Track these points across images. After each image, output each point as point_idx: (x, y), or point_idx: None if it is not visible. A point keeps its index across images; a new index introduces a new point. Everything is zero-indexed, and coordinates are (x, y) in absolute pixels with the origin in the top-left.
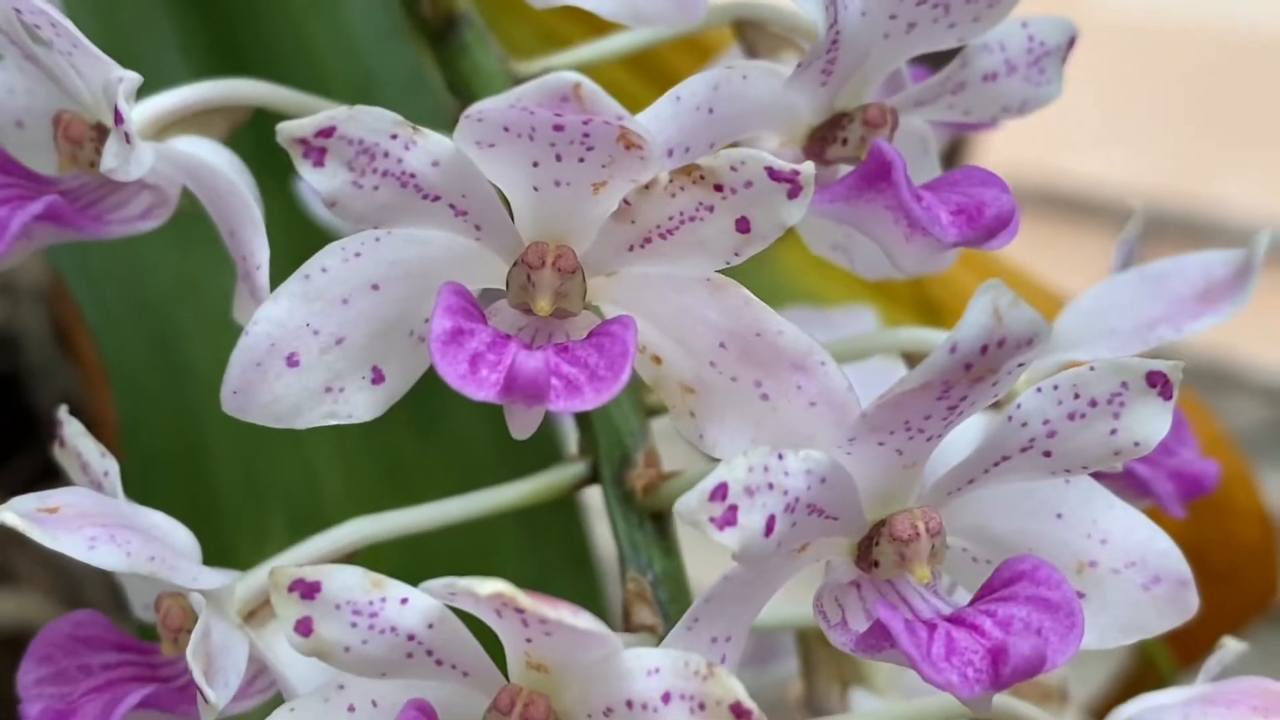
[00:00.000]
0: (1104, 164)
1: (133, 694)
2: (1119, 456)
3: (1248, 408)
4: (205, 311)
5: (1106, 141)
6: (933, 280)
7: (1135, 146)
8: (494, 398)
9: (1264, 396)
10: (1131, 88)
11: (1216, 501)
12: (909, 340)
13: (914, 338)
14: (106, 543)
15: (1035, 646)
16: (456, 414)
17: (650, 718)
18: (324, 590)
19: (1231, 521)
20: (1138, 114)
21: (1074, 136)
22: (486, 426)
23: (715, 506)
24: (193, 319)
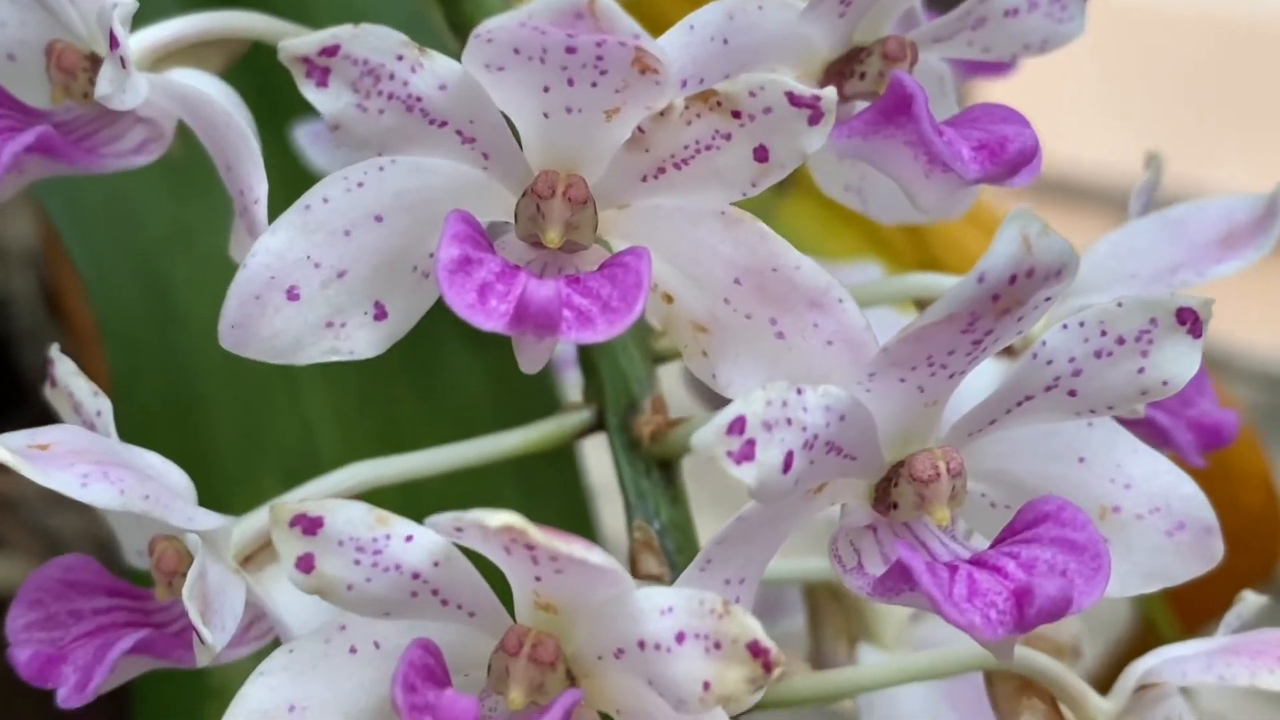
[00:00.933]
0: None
1: (125, 638)
2: (1146, 396)
3: (1244, 394)
4: (200, 264)
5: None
6: (936, 239)
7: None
8: (503, 329)
9: (1260, 382)
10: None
11: (1222, 467)
12: (920, 287)
13: (925, 284)
14: (100, 480)
15: (1061, 587)
16: (454, 370)
17: (663, 659)
18: (326, 526)
19: (1236, 487)
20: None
21: (1070, 121)
22: (484, 383)
23: (733, 440)
24: (187, 271)
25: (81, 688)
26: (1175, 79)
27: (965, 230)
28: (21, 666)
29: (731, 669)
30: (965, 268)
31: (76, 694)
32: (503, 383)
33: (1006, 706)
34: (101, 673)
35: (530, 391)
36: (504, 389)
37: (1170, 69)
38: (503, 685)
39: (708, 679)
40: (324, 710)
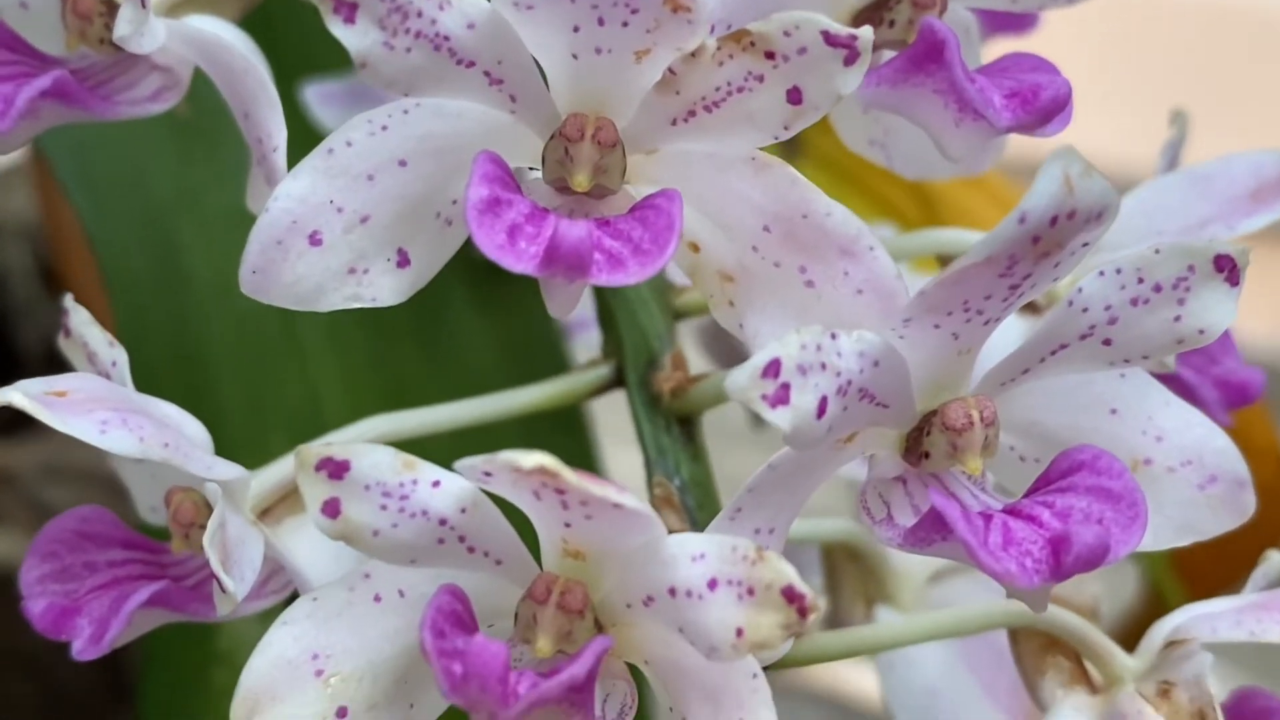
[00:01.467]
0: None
1: (141, 590)
2: (1182, 345)
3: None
4: (207, 226)
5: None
6: (946, 208)
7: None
8: (533, 270)
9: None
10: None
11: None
12: (941, 243)
13: (946, 240)
14: (119, 427)
15: (1098, 535)
16: (462, 334)
17: (695, 606)
18: (353, 470)
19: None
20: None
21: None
22: (493, 347)
23: (767, 384)
24: (194, 233)
25: (97, 640)
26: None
27: (975, 199)
28: (36, 619)
29: (765, 615)
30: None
31: (92, 646)
32: (512, 347)
33: (1031, 664)
34: (118, 625)
35: (540, 355)
36: (513, 353)
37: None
38: (530, 634)
39: (740, 626)
40: (348, 658)
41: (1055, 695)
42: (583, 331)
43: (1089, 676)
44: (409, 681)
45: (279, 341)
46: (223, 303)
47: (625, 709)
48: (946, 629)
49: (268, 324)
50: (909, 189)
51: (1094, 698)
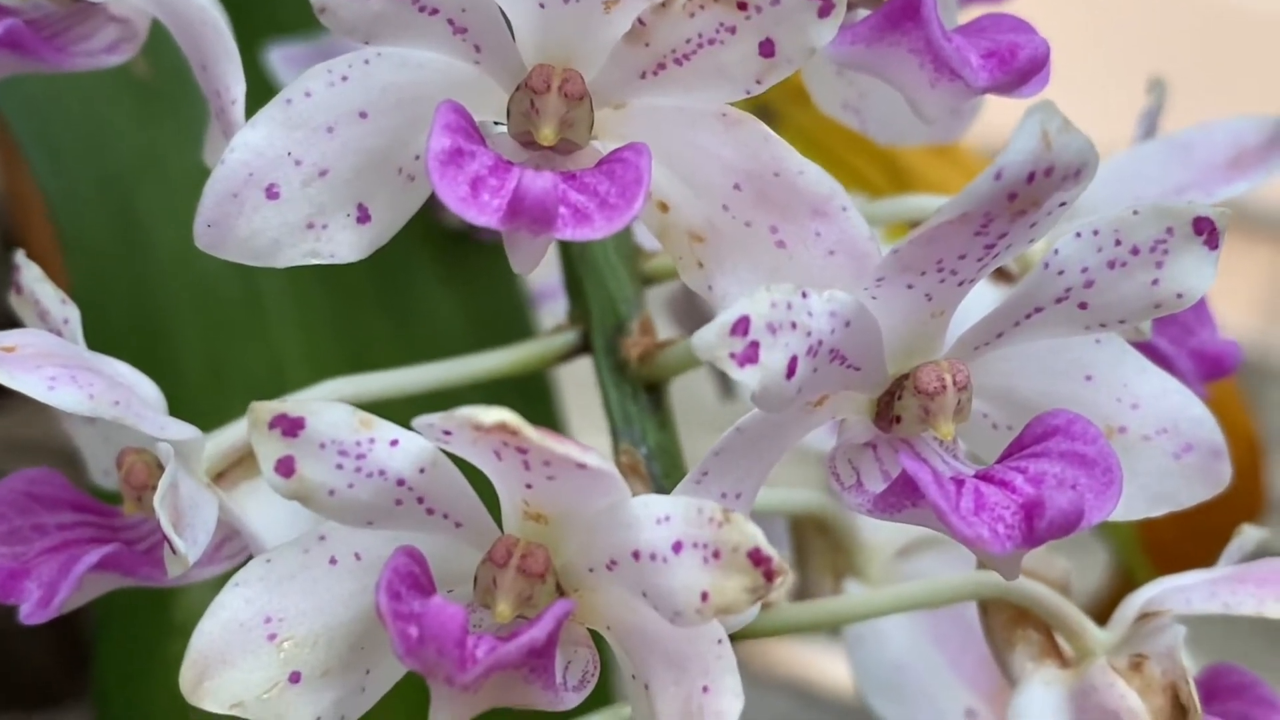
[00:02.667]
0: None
1: (91, 553)
2: (1159, 309)
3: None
4: (168, 189)
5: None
6: (915, 179)
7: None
8: (496, 223)
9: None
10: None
11: None
12: (918, 208)
13: (923, 205)
14: (68, 383)
15: (1072, 500)
16: (428, 305)
17: (659, 569)
18: (308, 427)
19: None
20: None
21: (1061, 99)
22: (459, 318)
23: (736, 341)
24: (155, 198)
25: (45, 603)
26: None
27: (944, 170)
28: None
29: (731, 579)
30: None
31: (40, 610)
32: (478, 316)
33: (1001, 637)
34: (67, 588)
35: (506, 325)
36: (479, 323)
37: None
38: (489, 598)
39: (706, 589)
40: (302, 622)
41: (1025, 668)
42: (549, 301)
43: (1060, 650)
44: (365, 647)
45: (241, 309)
46: (183, 268)
47: (587, 676)
48: (916, 600)
49: (229, 290)
50: (880, 162)
51: (1065, 671)
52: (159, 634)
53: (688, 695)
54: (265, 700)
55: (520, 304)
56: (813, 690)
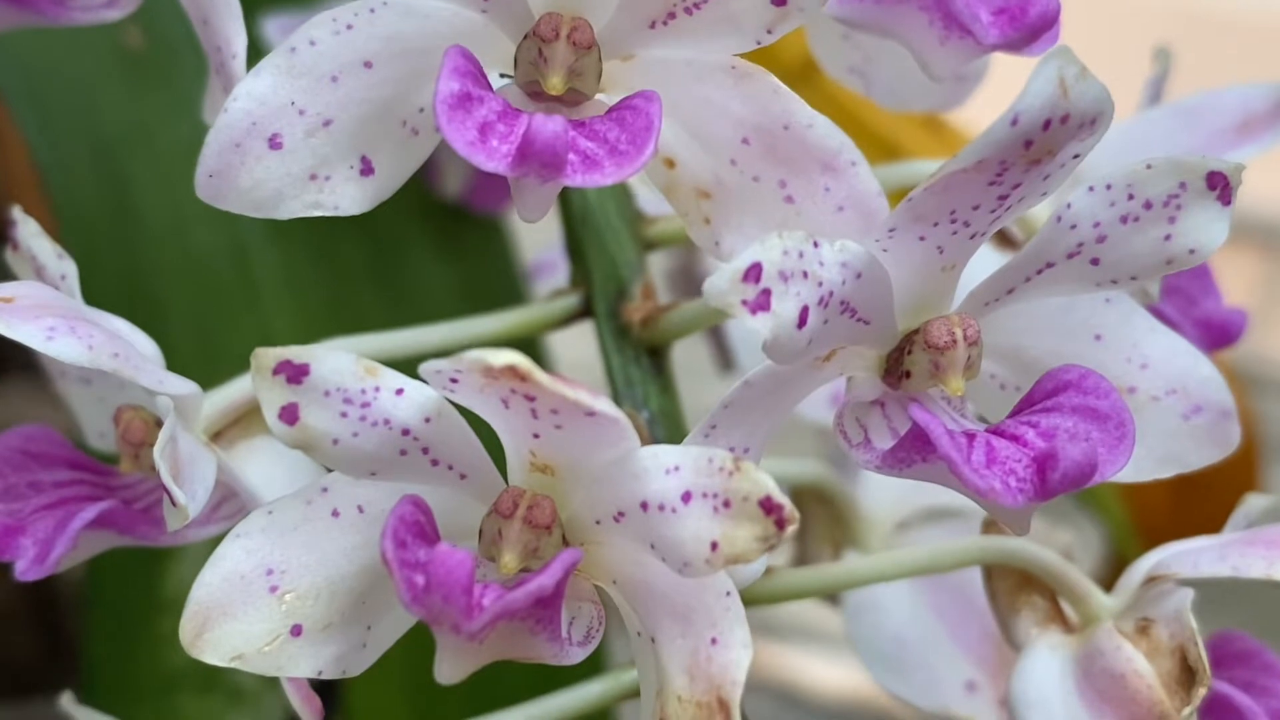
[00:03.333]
0: None
1: (88, 509)
2: (1171, 265)
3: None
4: (160, 161)
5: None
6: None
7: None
8: (505, 168)
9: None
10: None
11: None
12: (912, 175)
13: (914, 172)
14: (66, 334)
15: (1086, 452)
16: (423, 282)
17: (668, 520)
18: (312, 374)
19: None
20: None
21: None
22: (453, 293)
23: (748, 288)
24: (147, 170)
25: (41, 560)
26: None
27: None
28: None
29: (741, 528)
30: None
31: (35, 566)
32: (472, 292)
33: (1005, 603)
34: (63, 543)
35: (501, 301)
36: (474, 298)
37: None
38: (494, 550)
39: (715, 539)
40: (304, 575)
41: (1030, 634)
42: (544, 276)
43: (1065, 616)
44: (367, 602)
45: (233, 282)
46: (175, 241)
47: (592, 632)
48: (920, 565)
49: (221, 263)
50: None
51: (1070, 636)
52: (148, 610)
53: (695, 647)
54: (266, 653)
55: (515, 279)
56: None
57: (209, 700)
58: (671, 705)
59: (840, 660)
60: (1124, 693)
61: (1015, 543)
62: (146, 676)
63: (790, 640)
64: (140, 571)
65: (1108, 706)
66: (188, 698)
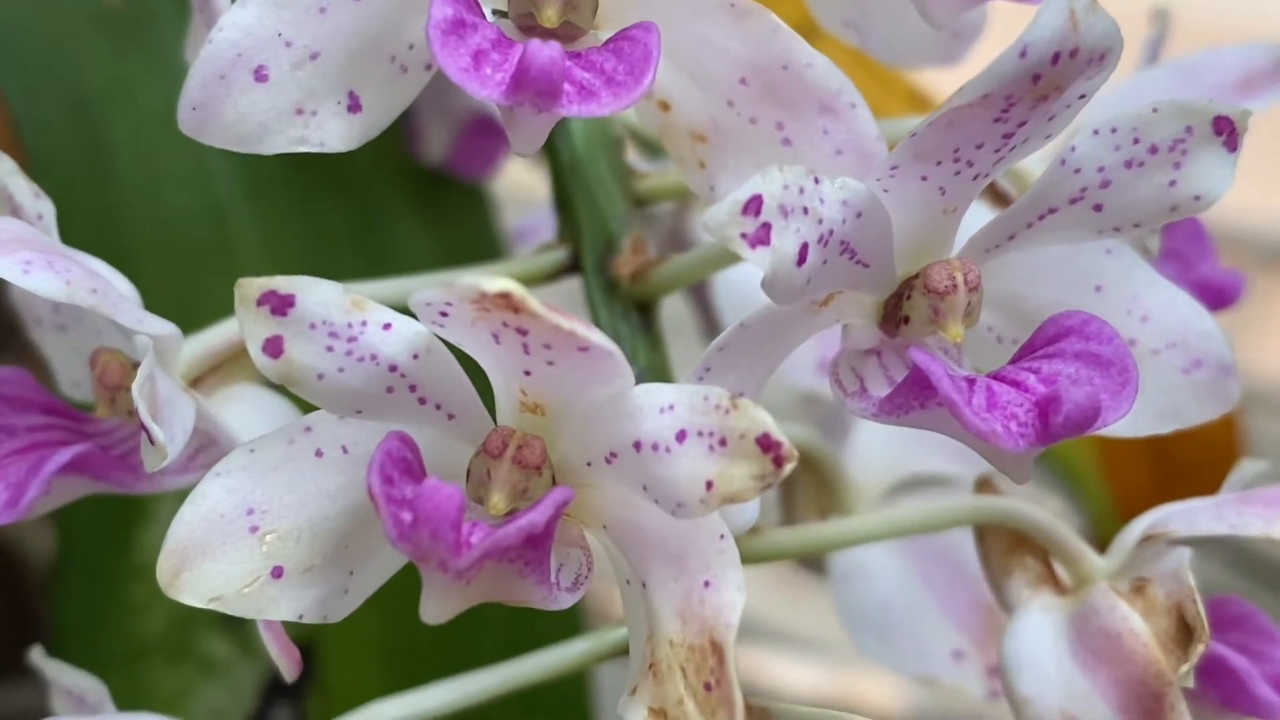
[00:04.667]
0: None
1: (62, 453)
2: (1175, 212)
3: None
4: (137, 122)
5: None
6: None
7: None
8: (500, 96)
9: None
10: None
11: None
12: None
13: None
14: (44, 268)
15: (1089, 395)
16: (406, 247)
17: (661, 460)
18: (298, 306)
19: None
20: None
21: None
22: (435, 261)
23: (748, 221)
24: (124, 130)
25: (13, 504)
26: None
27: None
28: None
29: (738, 466)
30: None
31: (7, 510)
32: (454, 259)
33: (998, 564)
34: (36, 487)
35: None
36: (455, 265)
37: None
38: (482, 491)
39: (710, 478)
40: (285, 515)
41: (1022, 595)
42: (527, 242)
43: (1057, 578)
44: (350, 546)
45: (209, 245)
46: (152, 203)
47: (580, 578)
48: (911, 525)
49: (197, 224)
50: None
51: (1063, 598)
52: (119, 576)
53: (688, 590)
54: (245, 594)
55: (497, 245)
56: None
57: (180, 671)
58: (663, 649)
59: (808, 661)
60: (1119, 652)
61: (1008, 503)
62: (116, 645)
63: (757, 641)
64: (111, 537)
65: (1102, 666)
66: (158, 667)
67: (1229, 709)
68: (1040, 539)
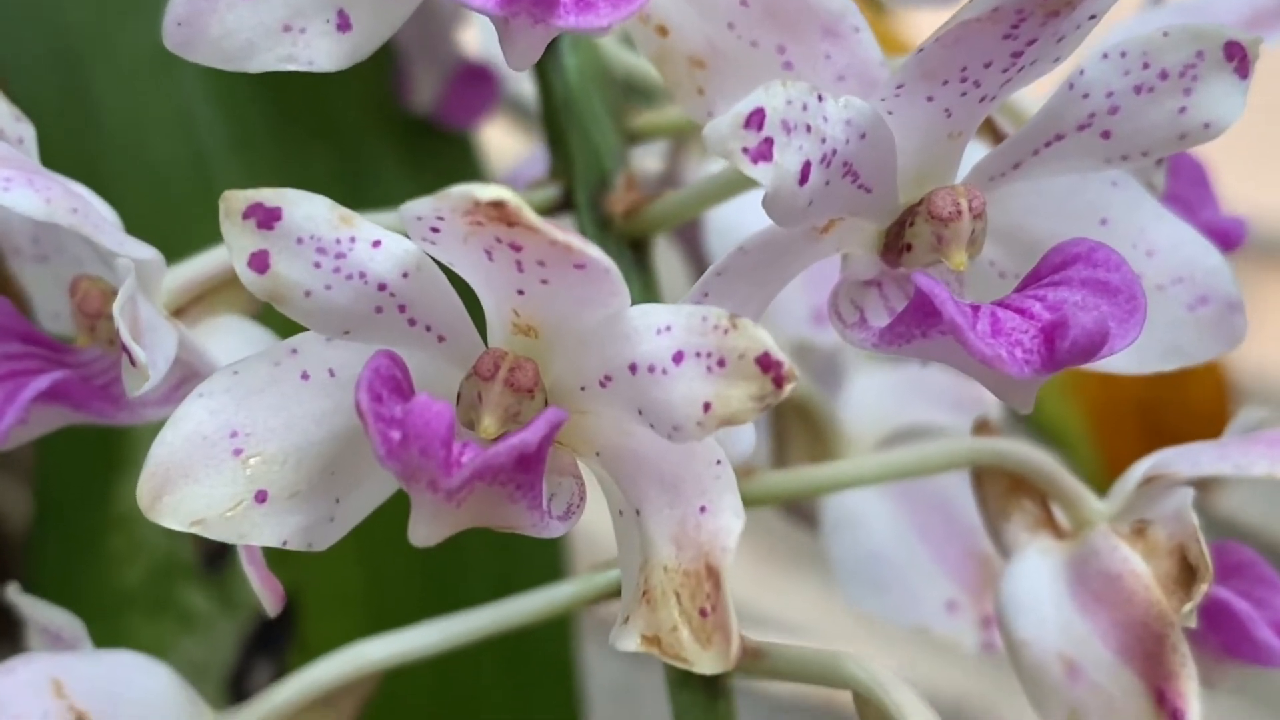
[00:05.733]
0: None
1: (40, 379)
2: (1184, 141)
3: None
4: (120, 72)
5: None
6: None
7: None
8: (494, 7)
9: None
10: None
11: None
12: None
13: None
14: (23, 186)
15: (1098, 320)
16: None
17: (657, 382)
18: (284, 219)
19: (1188, 386)
20: None
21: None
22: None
23: (750, 135)
24: (107, 78)
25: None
26: None
27: None
28: None
29: (736, 387)
30: None
31: None
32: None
33: (995, 507)
34: (13, 414)
35: None
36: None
37: None
38: (473, 414)
39: (708, 400)
40: (270, 439)
41: (1020, 539)
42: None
43: (1056, 523)
44: (336, 473)
45: (193, 193)
46: (136, 153)
47: (572, 508)
48: (907, 467)
49: (180, 172)
50: None
51: (1062, 542)
52: (98, 528)
53: (683, 516)
54: (229, 518)
55: None
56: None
57: (159, 623)
58: (657, 576)
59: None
60: (1119, 594)
61: (1006, 444)
62: (95, 597)
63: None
64: (90, 488)
65: (1102, 608)
66: (137, 619)
67: (1229, 655)
68: (1039, 481)
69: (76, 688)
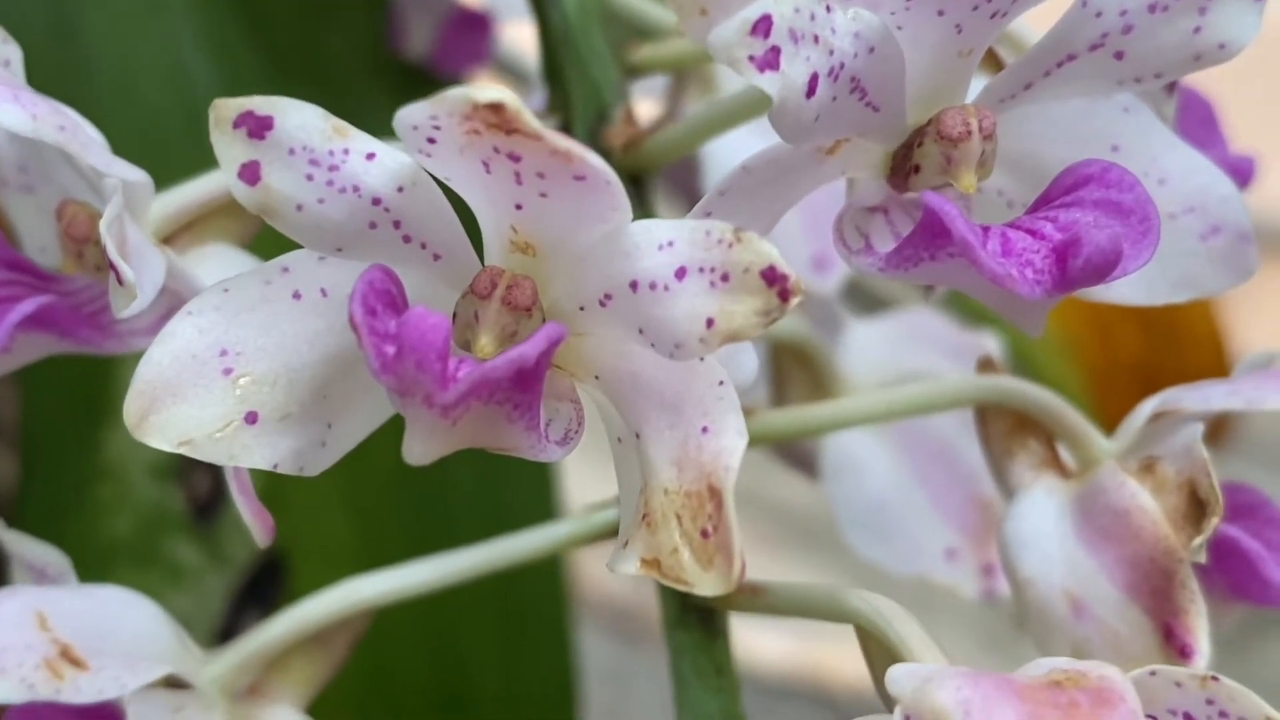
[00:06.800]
0: None
1: (25, 304)
2: (1199, 62)
3: None
4: (112, 14)
5: None
6: None
7: None
8: None
9: None
10: None
11: (1174, 328)
12: None
13: None
14: (10, 101)
15: (1111, 238)
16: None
17: (659, 299)
18: (276, 129)
19: (1187, 348)
20: None
21: None
22: None
23: (756, 43)
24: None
25: None
26: None
27: None
28: None
29: (740, 302)
30: None
31: None
32: None
33: (1000, 446)
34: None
35: None
36: None
37: None
38: (470, 334)
39: (711, 315)
40: (261, 359)
41: (1025, 478)
42: None
43: (1061, 463)
44: (328, 396)
45: (183, 142)
46: (126, 98)
47: (570, 433)
48: (911, 405)
49: (172, 122)
50: None
51: (1068, 482)
52: (87, 476)
53: (684, 438)
54: (217, 439)
55: None
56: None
57: (147, 575)
58: (657, 498)
59: (778, 630)
60: (1127, 530)
61: (1011, 382)
62: (82, 546)
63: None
64: (78, 437)
65: (1109, 545)
66: (125, 571)
67: (1237, 595)
68: (1044, 419)
69: (61, 621)
